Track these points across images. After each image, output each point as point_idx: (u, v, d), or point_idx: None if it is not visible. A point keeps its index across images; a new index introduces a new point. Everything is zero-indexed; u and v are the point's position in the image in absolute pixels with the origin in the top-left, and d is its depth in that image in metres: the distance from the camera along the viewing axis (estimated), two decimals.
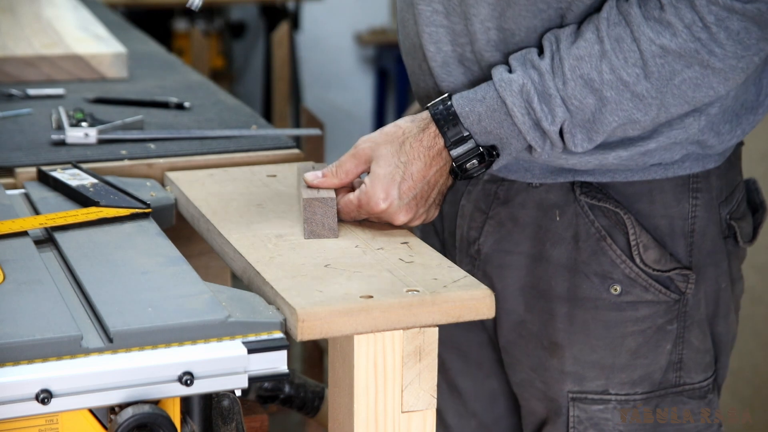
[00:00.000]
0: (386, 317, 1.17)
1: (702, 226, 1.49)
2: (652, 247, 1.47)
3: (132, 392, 1.08)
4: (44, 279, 1.22)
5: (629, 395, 1.50)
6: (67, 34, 2.30)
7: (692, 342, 1.51)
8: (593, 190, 1.48)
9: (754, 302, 2.95)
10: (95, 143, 1.68)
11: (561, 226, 1.49)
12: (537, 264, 1.51)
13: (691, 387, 1.52)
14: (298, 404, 1.79)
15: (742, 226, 1.55)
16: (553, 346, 1.51)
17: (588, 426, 1.51)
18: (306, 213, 1.35)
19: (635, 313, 1.48)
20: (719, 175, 1.51)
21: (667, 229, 1.48)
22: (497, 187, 1.53)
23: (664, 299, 1.48)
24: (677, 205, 1.48)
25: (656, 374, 1.50)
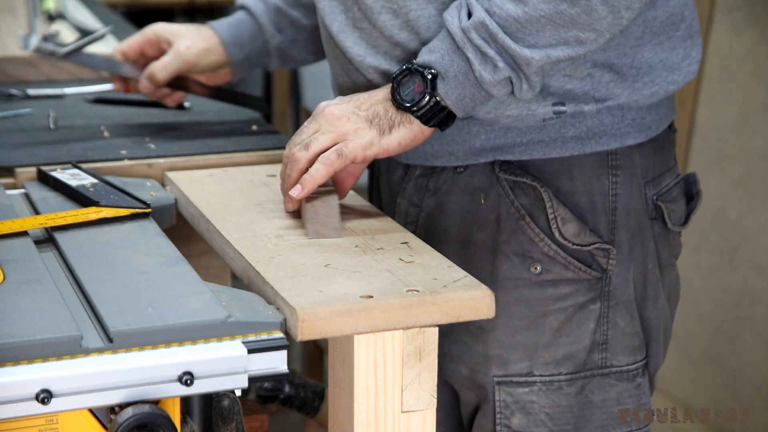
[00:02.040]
0: (386, 317, 1.17)
1: (624, 203, 1.51)
2: (570, 220, 1.48)
3: (132, 392, 1.08)
4: (44, 279, 1.22)
5: (553, 376, 1.51)
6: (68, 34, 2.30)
7: (618, 323, 1.52)
8: (512, 167, 1.49)
9: (754, 302, 2.95)
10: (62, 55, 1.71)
11: (485, 209, 1.51)
12: (464, 249, 1.53)
13: (618, 369, 1.53)
14: (298, 404, 1.79)
15: (672, 209, 1.55)
16: (479, 330, 1.52)
17: (514, 410, 1.52)
18: (309, 213, 1.35)
19: (556, 291, 1.49)
20: (643, 153, 1.52)
21: (587, 206, 1.50)
22: (428, 180, 1.55)
23: (585, 277, 1.50)
24: (597, 182, 1.50)
25: (580, 354, 1.51)
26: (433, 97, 1.39)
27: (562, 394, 1.51)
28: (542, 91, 1.45)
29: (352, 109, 1.41)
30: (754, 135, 2.92)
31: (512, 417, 1.52)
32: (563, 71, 1.45)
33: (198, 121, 1.84)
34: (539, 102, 1.46)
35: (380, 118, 1.40)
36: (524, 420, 1.51)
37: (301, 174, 1.40)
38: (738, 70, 2.94)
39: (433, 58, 1.39)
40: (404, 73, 1.40)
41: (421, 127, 1.41)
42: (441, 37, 1.40)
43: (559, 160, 1.49)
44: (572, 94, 1.46)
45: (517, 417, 1.52)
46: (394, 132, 1.40)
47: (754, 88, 2.91)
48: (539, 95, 1.45)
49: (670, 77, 1.51)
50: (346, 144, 1.39)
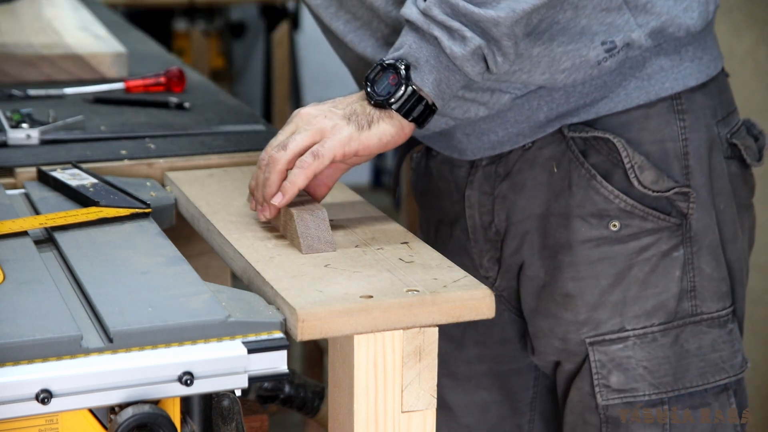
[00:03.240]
0: (386, 317, 1.17)
1: (695, 147, 1.50)
2: (647, 168, 1.47)
3: (132, 392, 1.08)
4: (44, 279, 1.22)
5: (646, 328, 1.49)
6: (67, 34, 2.30)
7: (703, 269, 1.50)
8: (578, 129, 1.49)
9: (754, 302, 2.95)
10: (38, 144, 1.68)
11: (558, 178, 1.50)
12: (545, 221, 1.52)
13: (709, 316, 1.51)
14: (298, 404, 1.80)
15: (747, 145, 1.55)
16: (566, 298, 1.51)
17: (611, 368, 1.50)
18: (299, 228, 1.33)
19: (638, 243, 1.48)
20: (707, 94, 1.52)
21: (659, 154, 1.49)
22: (496, 167, 1.54)
23: (665, 225, 1.48)
24: (666, 128, 1.49)
25: (670, 303, 1.49)
26: (408, 86, 1.35)
27: (657, 346, 1.50)
28: (585, 33, 1.44)
29: (329, 107, 1.37)
30: None
31: (610, 376, 1.50)
32: (597, 6, 1.43)
33: (198, 121, 1.84)
34: (587, 45, 1.44)
35: (358, 115, 1.36)
36: (622, 377, 1.50)
37: (282, 177, 1.35)
38: (738, 70, 2.94)
39: (402, 52, 1.37)
40: (376, 71, 1.36)
41: (401, 122, 1.36)
42: (404, 32, 1.38)
43: (626, 114, 1.48)
44: (615, 26, 1.45)
45: (615, 375, 1.50)
46: (373, 127, 1.36)
47: (754, 88, 2.91)
48: (584, 38, 1.44)
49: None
50: (323, 143, 1.34)
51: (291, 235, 1.33)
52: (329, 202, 1.47)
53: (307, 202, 1.36)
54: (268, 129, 1.80)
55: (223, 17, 5.18)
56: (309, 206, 1.35)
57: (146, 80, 2.03)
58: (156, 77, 2.04)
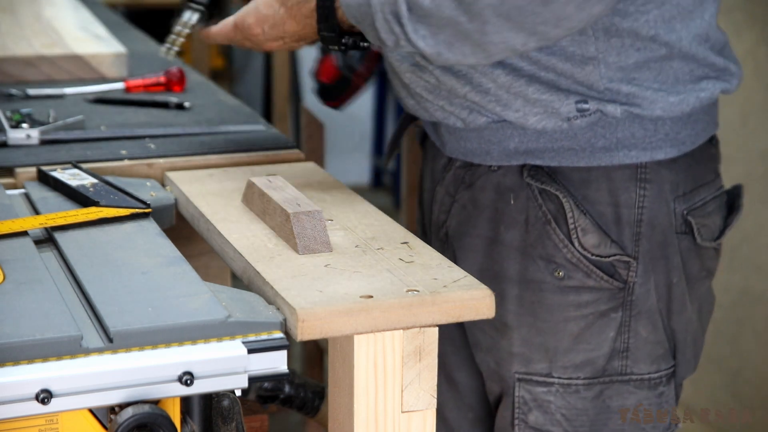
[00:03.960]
0: (386, 317, 1.17)
1: (650, 216, 1.51)
2: (591, 231, 1.49)
3: (132, 392, 1.08)
4: (44, 279, 1.22)
5: (571, 379, 1.53)
6: (67, 34, 2.30)
7: (639, 332, 1.53)
8: (540, 173, 1.51)
9: (754, 302, 2.95)
10: (38, 144, 1.68)
11: (515, 210, 1.53)
12: (493, 246, 1.55)
13: (639, 377, 1.54)
14: (298, 404, 1.80)
15: (704, 224, 1.55)
16: (504, 327, 1.54)
17: (532, 407, 1.54)
18: (296, 228, 1.33)
19: (578, 297, 1.50)
20: (674, 168, 1.52)
21: (612, 216, 1.51)
22: (465, 172, 1.58)
23: (607, 286, 1.51)
24: (624, 194, 1.50)
25: (599, 361, 1.52)
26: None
27: (579, 398, 1.53)
28: (561, 88, 1.46)
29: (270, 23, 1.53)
30: (754, 135, 2.92)
31: (529, 413, 1.54)
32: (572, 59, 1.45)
33: (198, 121, 1.84)
34: (561, 100, 1.46)
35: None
36: (541, 417, 1.54)
37: None
38: None
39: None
40: None
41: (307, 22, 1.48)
42: None
43: (587, 170, 1.50)
44: (593, 90, 1.46)
45: (534, 414, 1.54)
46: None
47: (754, 88, 2.91)
48: (560, 92, 1.46)
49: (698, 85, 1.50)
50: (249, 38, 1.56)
51: (287, 235, 1.34)
52: (329, 202, 1.48)
53: (304, 203, 1.36)
54: (268, 129, 1.80)
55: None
56: (305, 207, 1.35)
57: (146, 80, 2.03)
58: (156, 77, 2.04)
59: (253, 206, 1.44)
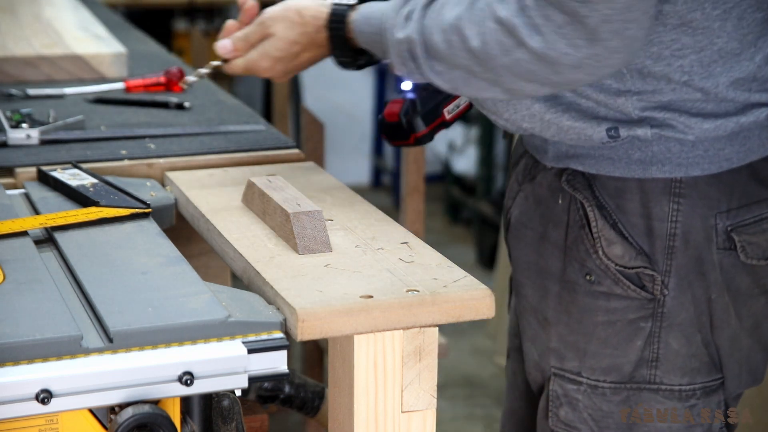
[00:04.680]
0: (386, 317, 1.17)
1: (685, 231, 1.49)
2: (615, 242, 1.49)
3: (132, 392, 1.08)
4: (44, 279, 1.22)
5: (598, 382, 1.53)
6: (67, 34, 2.30)
7: (670, 344, 1.51)
8: (577, 179, 1.52)
9: None
10: (38, 144, 1.69)
11: (561, 210, 1.54)
12: (541, 242, 1.57)
13: (668, 388, 1.53)
14: (298, 404, 1.79)
15: (753, 241, 1.53)
16: (545, 321, 1.56)
17: (563, 402, 1.56)
18: (296, 228, 1.33)
19: (607, 303, 1.50)
20: (716, 184, 1.49)
21: (643, 228, 1.50)
22: (532, 164, 1.60)
23: (635, 296, 1.50)
24: (657, 206, 1.49)
25: (626, 367, 1.52)
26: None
27: (605, 400, 1.54)
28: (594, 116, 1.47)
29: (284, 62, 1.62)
30: None
31: (560, 408, 1.56)
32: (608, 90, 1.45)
33: (198, 121, 1.84)
34: (593, 127, 1.47)
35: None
36: (570, 414, 1.55)
37: None
38: None
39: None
40: None
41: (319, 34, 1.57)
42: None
43: (623, 180, 1.49)
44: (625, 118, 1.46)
45: (565, 409, 1.56)
46: None
47: None
48: (591, 120, 1.47)
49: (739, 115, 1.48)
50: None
51: (287, 235, 1.34)
52: (329, 202, 1.48)
53: (304, 203, 1.36)
54: (268, 129, 1.80)
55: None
56: (305, 207, 1.35)
57: (146, 80, 2.03)
58: (156, 77, 2.04)
59: (253, 206, 1.44)
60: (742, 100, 1.47)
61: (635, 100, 1.45)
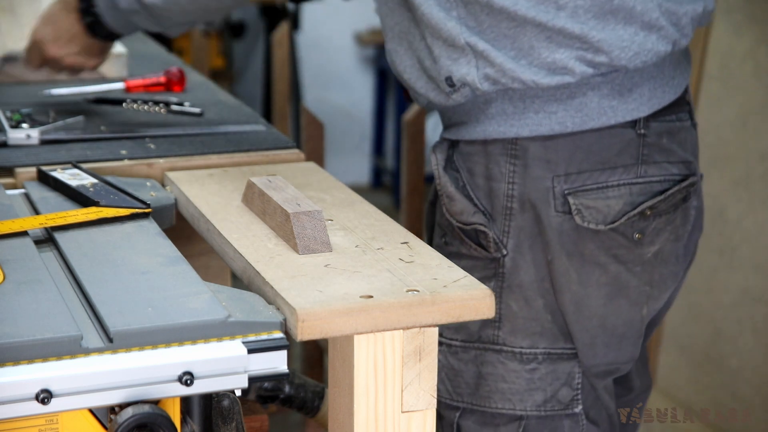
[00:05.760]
0: (386, 317, 1.17)
1: (521, 192, 1.55)
2: (456, 198, 1.58)
3: (132, 392, 1.08)
4: (44, 279, 1.22)
5: (451, 341, 1.62)
6: None
7: (510, 305, 1.58)
8: (439, 147, 1.63)
9: (754, 302, 2.95)
10: (38, 144, 1.69)
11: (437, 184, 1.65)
12: (428, 212, 1.73)
13: (510, 349, 1.59)
14: (298, 404, 1.79)
15: (592, 206, 1.55)
16: None
17: None
18: (296, 228, 1.33)
19: (457, 263, 1.53)
20: (549, 147, 1.54)
21: (485, 189, 1.57)
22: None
23: (478, 255, 1.58)
24: (496, 167, 1.57)
25: (472, 326, 1.60)
26: None
27: (457, 359, 1.62)
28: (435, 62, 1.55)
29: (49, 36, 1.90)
30: (754, 135, 2.92)
31: None
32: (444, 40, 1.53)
33: (198, 121, 1.84)
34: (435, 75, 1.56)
35: None
36: None
37: None
38: (738, 70, 2.94)
39: None
40: None
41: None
42: None
43: (471, 144, 1.59)
44: (458, 65, 1.54)
45: None
46: None
47: (754, 88, 2.91)
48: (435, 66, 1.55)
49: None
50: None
51: (287, 235, 1.34)
52: (329, 202, 1.48)
53: (304, 203, 1.36)
54: (268, 129, 1.80)
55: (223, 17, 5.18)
56: (305, 207, 1.35)
57: (146, 80, 2.03)
58: (156, 77, 2.04)
59: (253, 206, 1.44)
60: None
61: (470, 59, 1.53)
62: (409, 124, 3.07)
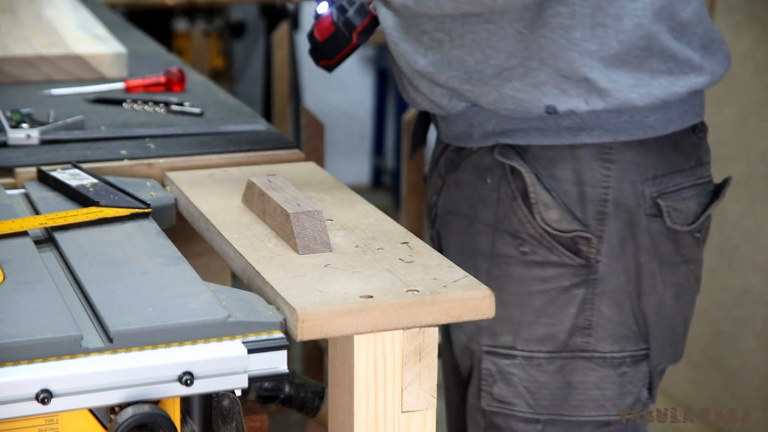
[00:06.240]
0: (386, 317, 1.17)
1: (616, 197, 1.54)
2: (553, 206, 1.53)
3: (132, 392, 1.08)
4: (44, 279, 1.22)
5: (533, 352, 1.57)
6: (67, 34, 2.30)
7: (603, 311, 1.55)
8: (509, 152, 1.55)
9: (754, 302, 2.95)
10: (38, 144, 1.69)
11: (490, 188, 1.58)
12: (471, 224, 1.60)
13: (601, 355, 1.56)
14: (298, 404, 1.79)
15: (677, 208, 1.56)
16: None
17: (497, 379, 1.58)
18: (296, 228, 1.33)
19: (541, 272, 1.53)
20: (644, 151, 1.54)
21: (576, 195, 1.54)
22: (454, 156, 1.63)
23: (569, 262, 1.54)
24: (588, 173, 1.53)
25: (560, 336, 1.56)
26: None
27: (540, 371, 1.57)
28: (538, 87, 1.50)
29: None
30: (754, 135, 2.92)
31: (494, 385, 1.59)
32: (556, 85, 1.49)
33: (198, 120, 1.84)
34: (532, 102, 1.50)
35: None
36: (505, 389, 1.58)
37: None
38: (738, 70, 2.94)
39: None
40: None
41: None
42: None
43: (554, 148, 1.53)
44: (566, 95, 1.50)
45: (499, 386, 1.59)
46: None
47: (754, 88, 2.91)
48: (535, 91, 1.49)
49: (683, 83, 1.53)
50: None
51: (287, 235, 1.34)
52: (329, 202, 1.48)
53: (304, 203, 1.36)
54: (268, 129, 1.80)
55: (223, 17, 5.18)
56: (305, 207, 1.35)
57: (146, 80, 2.03)
58: (156, 77, 2.04)
59: (253, 206, 1.44)
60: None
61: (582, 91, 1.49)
62: (409, 124, 3.07)
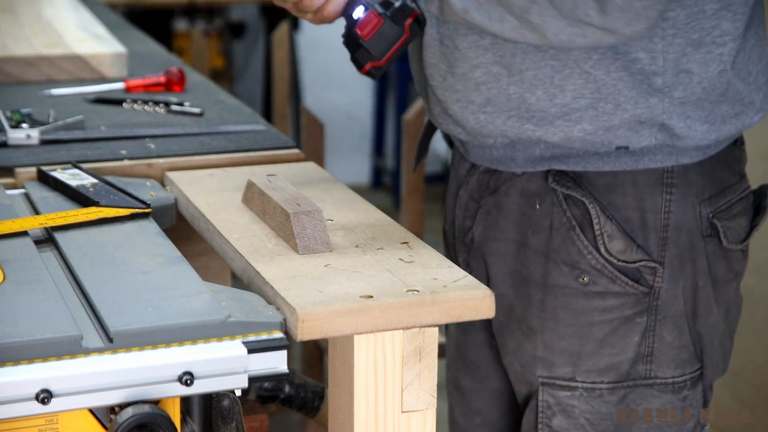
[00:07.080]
0: (386, 317, 1.17)
1: (676, 221, 1.50)
2: (617, 237, 1.48)
3: (132, 392, 1.08)
4: (44, 279, 1.22)
5: (595, 383, 1.52)
6: (67, 34, 2.30)
7: (664, 336, 1.52)
8: (565, 179, 1.50)
9: (754, 302, 2.95)
10: (38, 144, 1.69)
11: (540, 215, 1.52)
12: (521, 250, 1.55)
13: (662, 381, 1.53)
14: (298, 404, 1.79)
15: (730, 226, 1.54)
16: (529, 330, 1.54)
17: (556, 411, 1.54)
18: (296, 228, 1.33)
19: (603, 302, 1.49)
20: (700, 172, 1.51)
21: (638, 222, 1.49)
22: (489, 177, 1.57)
23: (632, 291, 1.50)
24: (650, 198, 1.49)
25: (624, 365, 1.52)
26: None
27: (603, 402, 1.53)
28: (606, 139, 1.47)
29: None
30: (754, 135, 2.92)
31: (553, 418, 1.54)
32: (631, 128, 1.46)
33: (198, 121, 1.84)
34: (603, 144, 1.47)
35: None
36: (564, 422, 1.54)
37: None
38: None
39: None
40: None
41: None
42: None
43: (612, 174, 1.49)
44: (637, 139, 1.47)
45: (558, 418, 1.54)
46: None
47: None
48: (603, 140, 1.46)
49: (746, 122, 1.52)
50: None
51: (287, 235, 1.34)
52: (329, 202, 1.48)
53: (304, 203, 1.36)
54: (268, 129, 1.80)
55: (223, 17, 5.18)
56: (305, 207, 1.35)
57: (146, 80, 2.03)
58: (156, 77, 2.04)
59: (253, 206, 1.44)
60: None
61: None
62: (409, 124, 3.07)
